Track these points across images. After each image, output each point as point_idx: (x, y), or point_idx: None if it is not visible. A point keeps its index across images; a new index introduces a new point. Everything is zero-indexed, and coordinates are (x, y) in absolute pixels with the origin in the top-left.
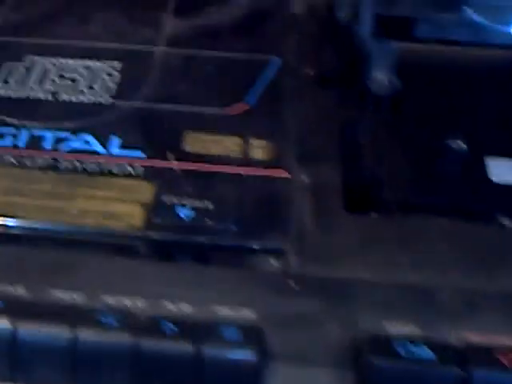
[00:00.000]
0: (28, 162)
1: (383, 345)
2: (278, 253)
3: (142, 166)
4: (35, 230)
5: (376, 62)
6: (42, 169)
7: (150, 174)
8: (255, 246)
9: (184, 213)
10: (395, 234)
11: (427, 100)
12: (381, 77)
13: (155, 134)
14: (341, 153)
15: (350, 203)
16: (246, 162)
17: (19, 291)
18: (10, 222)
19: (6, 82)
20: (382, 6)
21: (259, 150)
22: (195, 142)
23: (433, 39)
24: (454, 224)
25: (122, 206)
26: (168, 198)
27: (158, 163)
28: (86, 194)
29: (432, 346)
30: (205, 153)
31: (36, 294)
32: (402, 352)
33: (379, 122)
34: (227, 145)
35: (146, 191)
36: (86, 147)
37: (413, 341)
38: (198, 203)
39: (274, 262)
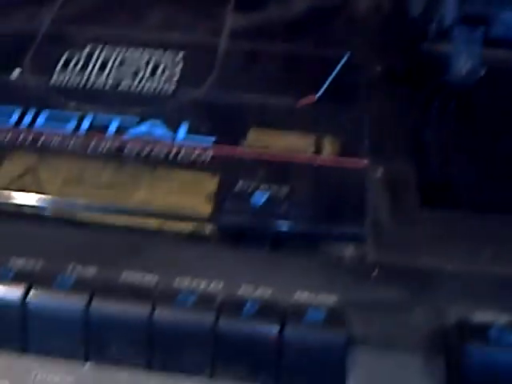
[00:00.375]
0: (91, 146)
1: (473, 330)
2: (355, 239)
3: (211, 151)
4: (105, 211)
5: (460, 49)
6: (106, 155)
7: (219, 160)
8: (332, 232)
9: (257, 197)
10: (471, 228)
11: (498, 102)
12: (465, 64)
13: (223, 122)
14: (414, 149)
15: (425, 197)
16: (317, 153)
17: (92, 272)
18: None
19: (68, 69)
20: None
21: (330, 143)
22: (261, 134)
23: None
24: None
25: (187, 198)
26: (240, 183)
27: (228, 149)
28: (149, 184)
29: None
30: (272, 144)
31: (109, 275)
32: (493, 337)
33: (451, 120)
34: (295, 138)
35: (210, 183)
36: (150, 134)
37: (503, 327)
38: (271, 188)
39: (350, 249)
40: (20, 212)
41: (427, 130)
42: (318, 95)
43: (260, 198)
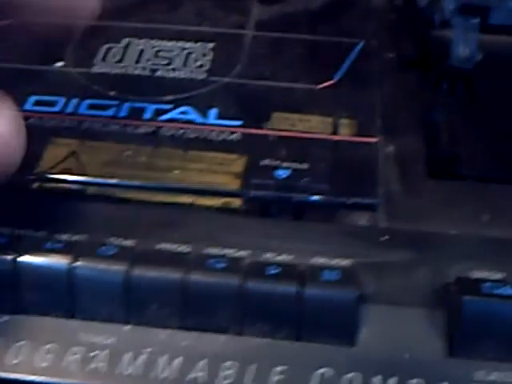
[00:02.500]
0: (129, 130)
1: (471, 285)
2: (368, 209)
3: (238, 132)
4: (142, 189)
5: (458, 37)
6: (142, 138)
7: (246, 141)
8: (347, 202)
9: (281, 173)
10: (476, 197)
11: (503, 81)
12: (463, 50)
13: (249, 107)
14: (422, 128)
15: (432, 170)
16: (334, 134)
17: (130, 243)
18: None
19: (104, 60)
20: None
21: (346, 123)
22: (283, 116)
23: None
24: None
25: (218, 177)
26: (265, 161)
27: (254, 131)
28: (181, 166)
29: None
30: (293, 125)
31: (145, 246)
32: (486, 290)
33: (457, 100)
34: (314, 120)
35: (239, 163)
36: (185, 117)
37: (500, 282)
38: (293, 165)
39: (363, 218)
40: (65, 190)
41: (435, 109)
42: (335, 79)
43: (282, 173)
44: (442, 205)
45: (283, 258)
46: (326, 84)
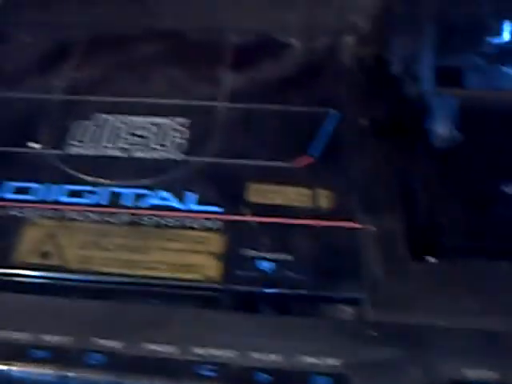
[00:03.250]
0: (110, 219)
1: None
2: (353, 302)
3: (219, 220)
4: (116, 283)
5: (437, 115)
6: (123, 225)
7: (227, 228)
8: (333, 296)
9: (265, 265)
10: (461, 278)
11: (480, 146)
12: (442, 130)
13: (228, 189)
14: (401, 201)
15: (414, 250)
16: (314, 212)
17: (116, 345)
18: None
19: (79, 140)
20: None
21: (325, 200)
22: (265, 195)
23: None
24: None
25: (196, 258)
26: (248, 251)
27: (234, 217)
28: (159, 246)
29: None
30: (278, 205)
31: (133, 348)
32: None
33: (434, 169)
34: (295, 196)
35: (218, 243)
36: (164, 203)
37: None
38: (277, 256)
39: (349, 311)
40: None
41: (411, 178)
42: (313, 154)
43: (267, 265)
44: (427, 291)
45: (272, 359)
46: (302, 161)
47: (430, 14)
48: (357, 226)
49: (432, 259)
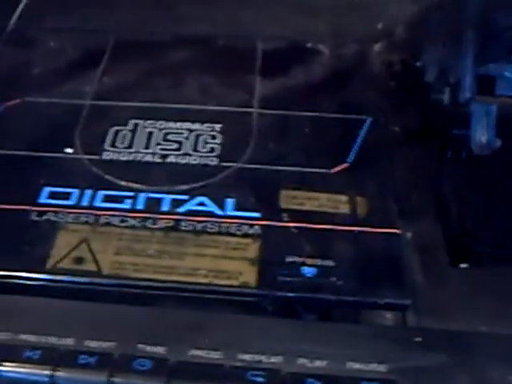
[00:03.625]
0: (146, 224)
1: None
2: (396, 308)
3: (256, 225)
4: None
5: (477, 123)
6: (159, 230)
7: (265, 234)
8: (376, 302)
9: (305, 270)
10: (499, 284)
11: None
12: (482, 137)
13: (265, 195)
14: (435, 207)
15: (452, 257)
16: (352, 218)
17: (161, 352)
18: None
19: (114, 146)
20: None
21: (361, 206)
22: (302, 201)
23: None
24: None
25: (233, 264)
26: (287, 257)
27: (272, 223)
28: (196, 252)
29: None
30: (315, 210)
31: (178, 354)
32: None
33: (467, 176)
34: (331, 203)
35: (255, 248)
36: (201, 209)
37: None
38: (318, 261)
39: (390, 317)
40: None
41: (443, 183)
42: (348, 162)
43: (309, 271)
44: (468, 297)
45: (318, 365)
46: (337, 167)
47: (472, 22)
48: (396, 231)
49: (465, 265)
